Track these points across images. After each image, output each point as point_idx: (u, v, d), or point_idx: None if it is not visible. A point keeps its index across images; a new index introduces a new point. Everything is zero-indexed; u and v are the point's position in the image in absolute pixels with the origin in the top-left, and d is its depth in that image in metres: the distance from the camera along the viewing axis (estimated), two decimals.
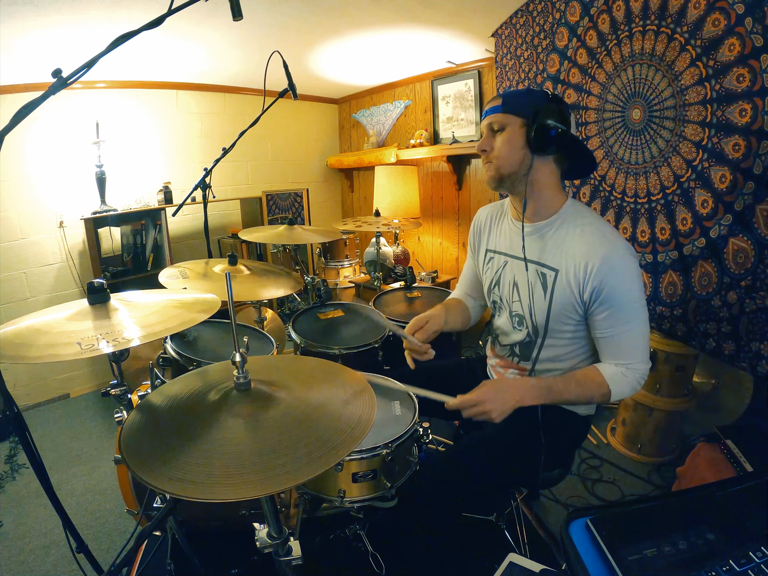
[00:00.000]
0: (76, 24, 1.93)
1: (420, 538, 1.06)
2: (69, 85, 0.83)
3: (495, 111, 1.03)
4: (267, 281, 1.67)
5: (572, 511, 0.71)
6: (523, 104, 1.01)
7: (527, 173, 1.03)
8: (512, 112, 1.01)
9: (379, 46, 2.68)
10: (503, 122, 1.02)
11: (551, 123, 0.96)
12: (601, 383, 1.01)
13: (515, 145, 1.02)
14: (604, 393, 1.01)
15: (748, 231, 1.32)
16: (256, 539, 0.79)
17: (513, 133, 1.02)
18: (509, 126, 1.02)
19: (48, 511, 1.79)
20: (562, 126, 0.97)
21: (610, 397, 1.01)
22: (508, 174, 1.04)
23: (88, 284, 0.97)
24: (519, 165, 1.03)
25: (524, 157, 1.02)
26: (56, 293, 2.75)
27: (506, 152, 1.03)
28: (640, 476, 1.88)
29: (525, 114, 1.00)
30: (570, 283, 1.01)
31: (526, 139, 1.01)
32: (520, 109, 1.01)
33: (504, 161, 1.03)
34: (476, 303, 1.38)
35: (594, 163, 1.11)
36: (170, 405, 0.80)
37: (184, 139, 3.18)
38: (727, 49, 1.31)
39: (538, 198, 1.07)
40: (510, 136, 1.02)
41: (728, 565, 0.57)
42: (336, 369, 0.94)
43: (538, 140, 0.98)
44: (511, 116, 1.02)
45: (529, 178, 1.04)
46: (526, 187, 1.05)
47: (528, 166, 1.02)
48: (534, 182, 1.05)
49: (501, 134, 1.03)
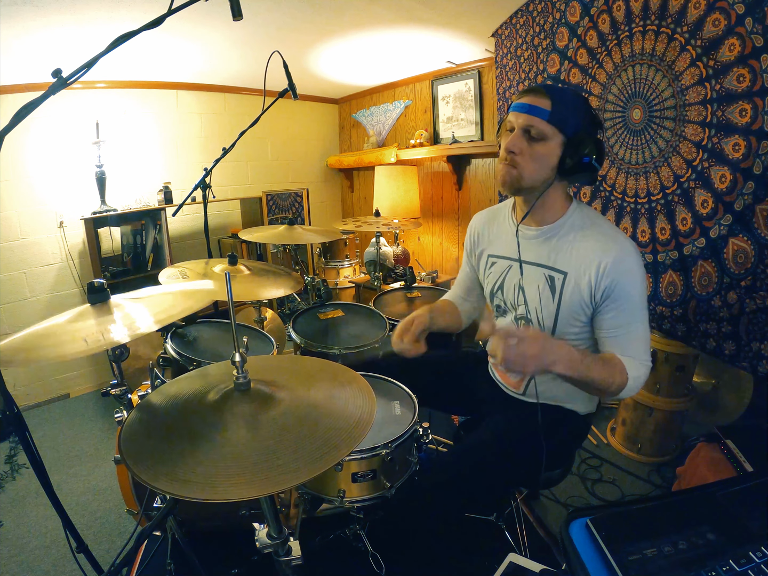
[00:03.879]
0: (76, 24, 1.93)
1: (420, 538, 1.06)
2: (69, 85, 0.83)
3: (540, 115, 0.95)
4: (267, 281, 1.67)
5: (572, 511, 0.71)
6: (569, 117, 0.96)
7: (545, 189, 1.02)
8: (558, 125, 0.95)
9: (379, 46, 2.68)
10: (545, 133, 0.96)
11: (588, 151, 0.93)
12: (622, 369, 0.96)
13: (548, 164, 0.98)
14: (624, 380, 0.96)
15: (748, 231, 1.32)
16: (256, 539, 0.79)
17: (550, 150, 0.97)
18: (549, 141, 0.96)
19: (48, 511, 1.79)
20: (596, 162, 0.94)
21: (626, 386, 0.96)
22: (528, 187, 1.01)
23: (89, 284, 0.97)
24: (542, 183, 1.01)
25: (550, 176, 1.00)
26: (56, 293, 2.75)
27: (536, 168, 0.98)
28: (640, 476, 1.88)
29: (568, 131, 0.95)
30: (580, 285, 1.01)
31: (559, 161, 0.97)
32: (567, 124, 0.95)
33: (529, 176, 0.99)
34: (469, 306, 1.37)
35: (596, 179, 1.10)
36: (170, 405, 0.80)
37: (184, 139, 3.18)
38: (727, 49, 1.31)
39: (546, 207, 1.06)
40: (547, 153, 0.97)
41: (728, 565, 0.57)
42: (336, 369, 0.94)
43: (571, 168, 0.96)
44: (555, 129, 0.95)
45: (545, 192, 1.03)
46: (537, 199, 1.04)
47: (549, 184, 1.01)
48: (547, 195, 1.04)
49: (537, 145, 0.97)
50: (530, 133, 0.97)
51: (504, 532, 1.48)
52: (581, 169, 0.96)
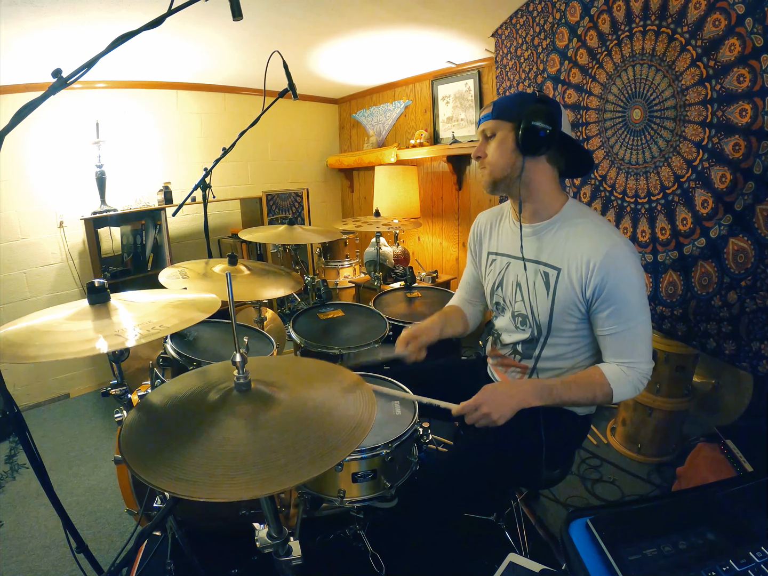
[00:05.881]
0: (76, 24, 1.93)
1: (420, 538, 1.06)
2: (69, 85, 0.83)
3: (486, 118, 1.07)
4: (267, 281, 1.67)
5: (572, 511, 0.71)
6: (511, 108, 1.03)
7: (520, 175, 1.04)
8: (502, 117, 1.04)
9: (379, 46, 2.68)
10: (494, 128, 1.05)
11: (538, 124, 0.97)
12: (603, 383, 1.01)
13: (505, 149, 1.04)
14: (607, 393, 1.01)
15: (748, 231, 1.32)
16: (256, 539, 0.79)
17: (503, 137, 1.04)
18: (499, 131, 1.05)
19: (48, 511, 1.79)
20: (548, 126, 0.97)
21: (613, 397, 1.01)
22: (501, 178, 1.07)
23: (88, 284, 0.97)
24: (511, 168, 1.05)
25: (515, 160, 1.04)
26: (56, 293, 2.75)
27: (497, 157, 1.05)
28: (640, 476, 1.88)
29: (513, 118, 1.02)
30: (572, 281, 1.02)
31: (515, 142, 1.02)
32: (509, 113, 1.03)
33: (496, 166, 1.06)
34: (475, 309, 1.38)
35: (591, 161, 1.11)
36: (170, 405, 0.80)
37: (184, 139, 3.18)
38: (727, 49, 1.31)
39: (535, 199, 1.08)
40: (500, 141, 1.05)
41: (728, 565, 0.57)
42: (336, 369, 0.94)
43: (527, 142, 1.00)
44: (500, 122, 1.04)
45: (523, 179, 1.05)
46: (521, 188, 1.06)
47: (520, 168, 1.03)
48: (529, 183, 1.06)
49: (493, 140, 1.06)
50: (486, 135, 1.08)
51: (504, 532, 1.48)
52: (541, 142, 0.99)
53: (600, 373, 1.02)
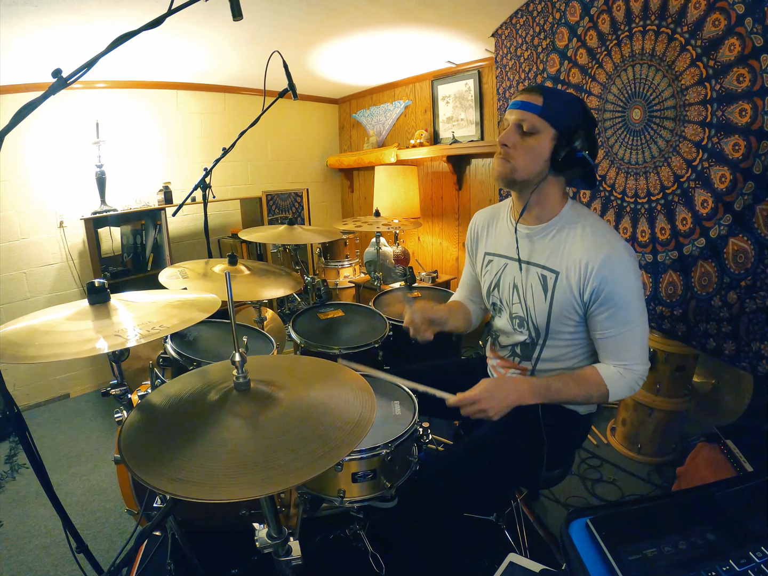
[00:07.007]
0: (76, 24, 1.93)
1: (420, 538, 1.06)
2: (69, 85, 0.83)
3: (532, 110, 0.97)
4: (267, 281, 1.67)
5: (572, 511, 0.71)
6: (561, 112, 0.97)
7: (539, 183, 1.03)
8: (549, 119, 0.97)
9: (379, 46, 2.68)
10: (537, 127, 0.98)
11: (578, 145, 0.95)
12: (599, 383, 1.01)
13: (540, 156, 0.99)
14: (602, 393, 1.01)
15: (748, 231, 1.32)
16: (256, 539, 0.79)
17: (542, 143, 0.98)
18: (541, 134, 0.98)
19: (48, 511, 1.79)
20: (589, 157, 0.96)
21: (608, 397, 1.02)
22: (522, 180, 1.02)
23: (88, 284, 0.97)
24: (535, 176, 1.02)
25: (543, 168, 1.01)
26: (56, 293, 2.75)
27: (528, 160, 1.00)
28: (640, 476, 1.88)
29: (560, 126, 0.97)
30: (570, 285, 1.01)
31: (551, 152, 0.98)
32: (558, 119, 0.97)
33: (522, 168, 1.00)
34: (477, 307, 1.37)
35: (595, 182, 1.11)
36: (170, 405, 0.80)
37: (184, 139, 3.18)
38: (727, 49, 1.31)
39: (541, 204, 1.07)
40: (538, 146, 0.98)
41: (728, 565, 0.57)
42: (336, 369, 0.94)
43: (563, 162, 0.97)
44: (546, 123, 0.97)
45: (539, 186, 1.03)
46: (533, 194, 1.04)
47: (542, 178, 1.02)
48: (541, 190, 1.04)
49: (530, 138, 0.99)
50: (523, 127, 0.99)
51: (504, 532, 1.49)
52: (574, 164, 0.98)
53: (597, 373, 1.03)
